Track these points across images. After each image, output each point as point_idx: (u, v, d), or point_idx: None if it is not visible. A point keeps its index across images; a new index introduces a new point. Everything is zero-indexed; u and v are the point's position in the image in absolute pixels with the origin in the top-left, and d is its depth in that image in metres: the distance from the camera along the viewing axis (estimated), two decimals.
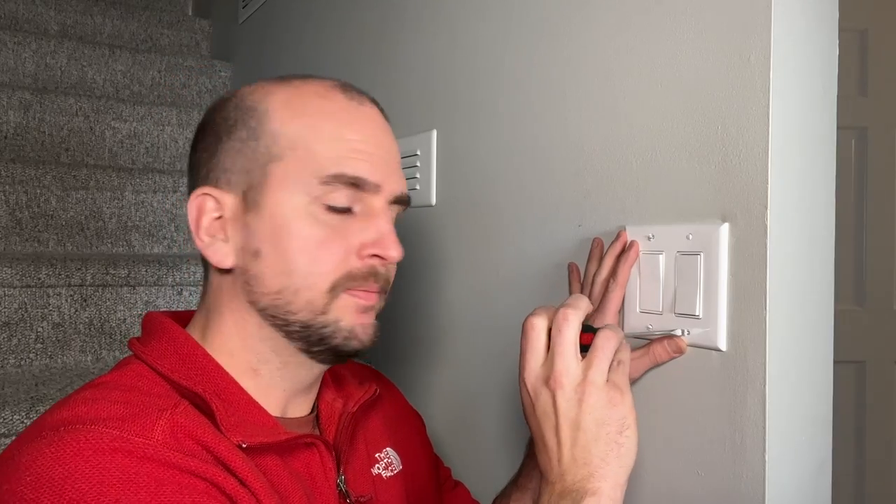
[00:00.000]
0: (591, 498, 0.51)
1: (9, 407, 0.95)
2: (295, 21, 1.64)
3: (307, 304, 0.58)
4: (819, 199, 0.65)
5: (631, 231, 0.72)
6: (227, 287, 0.61)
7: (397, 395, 0.83)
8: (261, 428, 0.57)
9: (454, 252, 1.01)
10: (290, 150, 0.58)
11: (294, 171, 0.58)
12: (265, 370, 0.61)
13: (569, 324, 0.55)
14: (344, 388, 0.70)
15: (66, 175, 1.47)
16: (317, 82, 0.62)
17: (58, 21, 2.07)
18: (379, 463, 0.71)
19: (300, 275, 0.57)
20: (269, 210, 0.58)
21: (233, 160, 0.60)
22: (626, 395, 0.55)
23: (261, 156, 0.59)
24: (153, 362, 0.58)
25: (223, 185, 0.60)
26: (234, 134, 0.60)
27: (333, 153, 0.58)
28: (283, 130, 0.59)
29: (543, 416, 0.55)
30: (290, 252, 0.57)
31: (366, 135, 0.60)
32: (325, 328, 0.59)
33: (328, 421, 0.67)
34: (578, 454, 0.53)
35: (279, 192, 0.58)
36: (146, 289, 1.32)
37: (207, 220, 0.59)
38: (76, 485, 0.44)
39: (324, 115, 0.60)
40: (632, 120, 0.72)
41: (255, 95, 0.61)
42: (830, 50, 0.66)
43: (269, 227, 0.58)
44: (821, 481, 0.66)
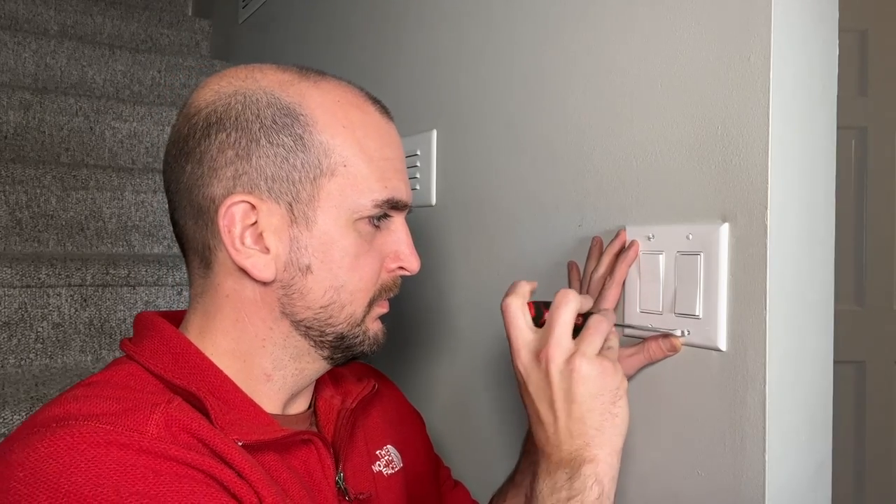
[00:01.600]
0: (588, 465, 0.53)
1: (9, 407, 0.95)
2: (295, 21, 1.64)
3: (348, 318, 0.60)
4: (819, 199, 0.65)
5: (631, 231, 0.72)
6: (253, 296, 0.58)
7: (397, 393, 0.82)
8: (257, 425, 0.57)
9: (454, 252, 1.01)
10: (342, 166, 0.57)
11: (346, 189, 0.57)
12: (278, 375, 0.60)
13: (568, 303, 0.57)
14: (342, 384, 0.70)
15: (66, 175, 1.47)
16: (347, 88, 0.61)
17: (58, 21, 2.07)
18: (380, 460, 0.71)
19: (348, 290, 0.59)
20: (320, 226, 0.57)
21: (277, 168, 0.56)
22: (617, 368, 0.56)
23: (311, 169, 0.56)
24: (145, 361, 0.57)
25: (263, 193, 0.56)
26: (276, 139, 0.56)
27: (379, 173, 0.59)
28: (333, 144, 0.57)
29: (537, 390, 0.56)
30: (340, 268, 0.58)
31: (398, 153, 0.62)
32: (357, 337, 0.61)
33: (326, 418, 0.66)
34: (574, 426, 0.54)
35: (331, 209, 0.57)
36: (146, 289, 1.32)
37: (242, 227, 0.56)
38: (72, 478, 0.44)
39: (366, 130, 0.59)
40: (632, 120, 0.72)
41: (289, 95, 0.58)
42: (830, 50, 0.66)
43: (319, 243, 0.57)
44: (821, 481, 0.66)
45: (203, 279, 0.60)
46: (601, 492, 0.53)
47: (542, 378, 0.56)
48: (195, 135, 0.57)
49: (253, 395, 0.59)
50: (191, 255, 0.60)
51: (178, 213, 0.59)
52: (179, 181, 0.58)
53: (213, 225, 0.56)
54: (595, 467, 0.53)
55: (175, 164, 0.58)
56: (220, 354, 0.59)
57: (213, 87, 0.59)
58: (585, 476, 0.53)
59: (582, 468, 0.53)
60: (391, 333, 1.06)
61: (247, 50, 2.02)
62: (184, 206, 0.58)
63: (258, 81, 0.59)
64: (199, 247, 0.59)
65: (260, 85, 0.58)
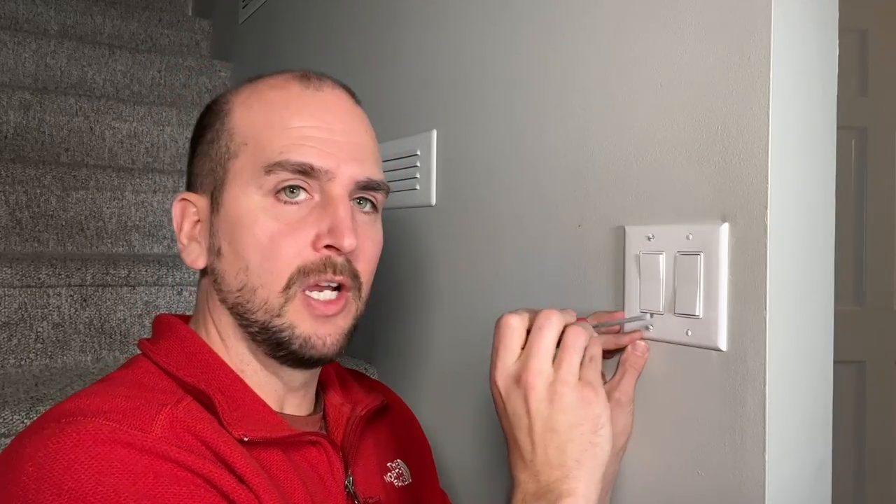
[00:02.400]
0: (567, 499, 0.50)
1: (9, 407, 0.95)
2: (295, 21, 1.64)
3: (262, 304, 0.57)
4: (819, 199, 0.65)
5: (631, 231, 0.72)
6: (205, 288, 0.63)
7: (410, 414, 0.82)
8: (265, 423, 0.57)
9: (454, 252, 1.01)
10: (244, 145, 0.58)
11: (246, 166, 0.57)
12: (249, 371, 0.61)
13: (551, 324, 0.54)
14: (351, 394, 0.70)
15: (66, 175, 1.47)
16: (278, 75, 0.62)
17: (58, 21, 2.07)
18: (391, 472, 0.71)
19: (255, 272, 0.57)
20: (226, 207, 0.58)
21: (202, 163, 0.61)
22: (600, 393, 0.53)
23: (222, 155, 0.59)
24: (160, 360, 0.58)
25: (198, 189, 0.62)
26: (204, 138, 0.62)
27: (281, 143, 0.57)
28: (238, 127, 0.59)
29: (515, 416, 0.53)
30: (245, 249, 0.57)
31: (319, 120, 0.58)
32: (282, 332, 0.57)
33: (336, 423, 0.67)
34: (553, 456, 0.51)
35: (234, 189, 0.58)
36: (146, 289, 1.32)
37: (188, 224, 0.62)
38: (75, 475, 0.45)
39: (276, 106, 0.59)
40: (632, 120, 0.72)
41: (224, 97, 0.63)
42: (830, 50, 0.66)
43: (227, 225, 0.58)
44: (821, 481, 0.66)
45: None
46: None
47: (521, 404, 0.53)
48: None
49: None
50: None
51: None
52: None
53: None
54: (574, 502, 0.50)
55: None
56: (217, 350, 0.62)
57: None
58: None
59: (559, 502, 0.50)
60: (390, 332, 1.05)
61: (247, 50, 2.02)
62: None
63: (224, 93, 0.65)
64: None
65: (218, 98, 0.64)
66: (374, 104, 1.22)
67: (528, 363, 0.53)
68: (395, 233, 1.13)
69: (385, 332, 1.19)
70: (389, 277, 1.16)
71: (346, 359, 1.21)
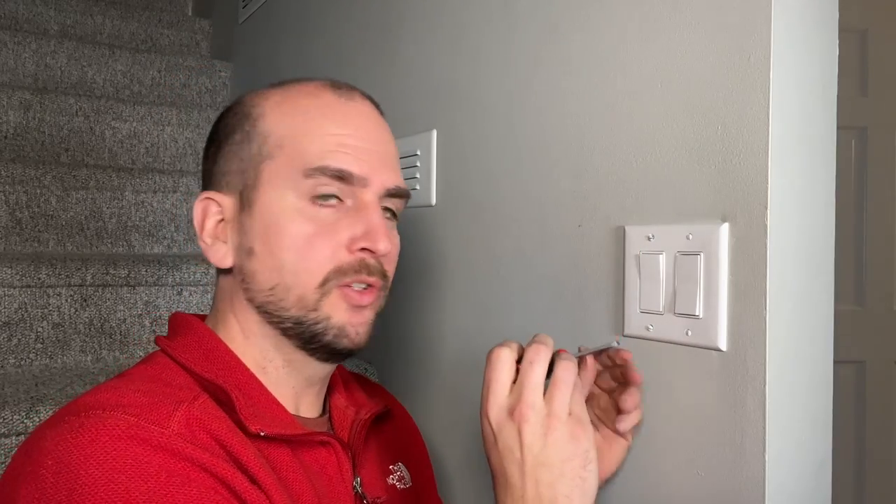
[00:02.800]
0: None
1: (9, 407, 0.95)
2: (295, 21, 1.64)
3: (298, 301, 0.59)
4: (819, 199, 0.65)
5: (631, 231, 0.72)
6: (228, 287, 0.63)
7: (409, 418, 0.84)
8: (279, 421, 0.59)
9: (454, 252, 1.01)
10: (279, 148, 0.60)
11: (283, 168, 0.59)
12: (271, 368, 0.62)
13: (540, 359, 0.55)
14: (355, 398, 0.72)
15: (66, 175, 1.47)
16: (308, 82, 0.64)
17: (58, 21, 2.07)
18: (393, 474, 0.72)
19: (290, 272, 0.58)
20: (260, 208, 0.59)
21: (230, 163, 0.62)
22: (587, 428, 0.54)
23: (254, 156, 0.60)
24: (178, 356, 0.59)
25: (223, 188, 0.62)
26: (231, 138, 0.62)
27: (319, 148, 0.59)
28: (273, 130, 0.60)
29: (506, 449, 0.53)
30: (280, 249, 0.58)
31: (353, 129, 0.61)
32: (317, 325, 0.59)
33: (341, 425, 0.68)
34: (544, 492, 0.52)
35: (269, 190, 0.59)
36: (146, 289, 1.32)
37: (211, 223, 0.62)
38: (90, 471, 0.46)
39: (312, 112, 0.61)
40: (632, 120, 0.72)
41: (252, 100, 0.64)
42: (830, 50, 0.66)
43: (260, 225, 0.59)
44: (821, 481, 0.66)
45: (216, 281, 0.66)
46: None
47: (514, 437, 0.53)
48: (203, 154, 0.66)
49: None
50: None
51: None
52: None
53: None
54: None
55: None
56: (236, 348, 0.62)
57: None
58: None
59: None
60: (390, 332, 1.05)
61: (247, 50, 2.02)
62: None
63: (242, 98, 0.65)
64: None
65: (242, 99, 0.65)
66: None
67: (521, 397, 0.54)
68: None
69: (385, 332, 1.19)
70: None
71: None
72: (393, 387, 1.14)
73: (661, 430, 0.69)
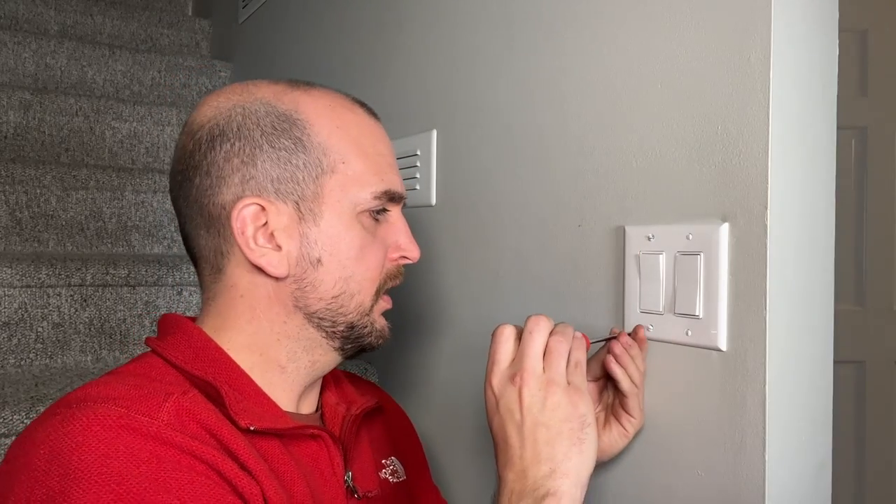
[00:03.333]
0: (551, 498, 0.52)
1: (9, 407, 0.95)
2: (295, 21, 1.64)
3: (358, 307, 0.63)
4: (819, 199, 0.65)
5: (631, 231, 0.72)
6: (267, 293, 0.62)
7: (402, 413, 0.84)
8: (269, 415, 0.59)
9: (454, 252, 1.01)
10: (342, 164, 0.61)
11: (346, 184, 0.61)
12: (292, 367, 0.64)
13: (539, 329, 0.58)
14: (346, 395, 0.73)
15: (66, 175, 1.47)
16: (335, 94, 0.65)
17: (58, 21, 2.07)
18: (385, 468, 0.73)
19: (356, 280, 0.62)
20: (326, 220, 0.61)
21: (281, 170, 0.60)
22: (585, 397, 0.57)
23: (312, 168, 0.61)
24: (167, 355, 0.60)
25: (270, 195, 0.60)
26: (277, 143, 0.60)
27: (375, 168, 0.63)
28: (331, 144, 0.61)
29: (507, 412, 0.56)
30: (347, 259, 0.62)
31: (389, 150, 0.66)
32: (366, 328, 0.64)
33: (332, 421, 0.69)
34: (542, 450, 0.54)
35: (334, 205, 0.61)
36: (146, 289, 1.32)
37: (254, 228, 0.60)
38: (83, 457, 0.47)
39: (360, 129, 0.64)
40: (632, 120, 0.72)
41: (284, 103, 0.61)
42: (830, 50, 0.66)
43: (327, 237, 0.61)
44: (821, 481, 0.66)
45: (215, 283, 0.63)
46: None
47: (515, 400, 0.56)
48: (200, 149, 0.61)
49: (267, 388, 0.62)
50: (202, 264, 0.64)
51: (190, 225, 0.63)
52: (189, 195, 0.62)
53: (225, 230, 0.60)
54: (558, 501, 0.51)
55: (183, 179, 0.62)
56: (237, 350, 0.62)
57: (211, 103, 0.63)
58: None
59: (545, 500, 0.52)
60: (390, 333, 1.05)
61: (247, 50, 2.02)
62: (195, 218, 0.62)
63: (254, 94, 0.62)
64: (210, 254, 0.62)
65: (256, 97, 0.62)
66: (375, 104, 1.21)
67: (522, 363, 0.57)
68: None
69: None
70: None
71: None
72: (392, 386, 1.15)
73: (661, 430, 0.69)
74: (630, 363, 0.66)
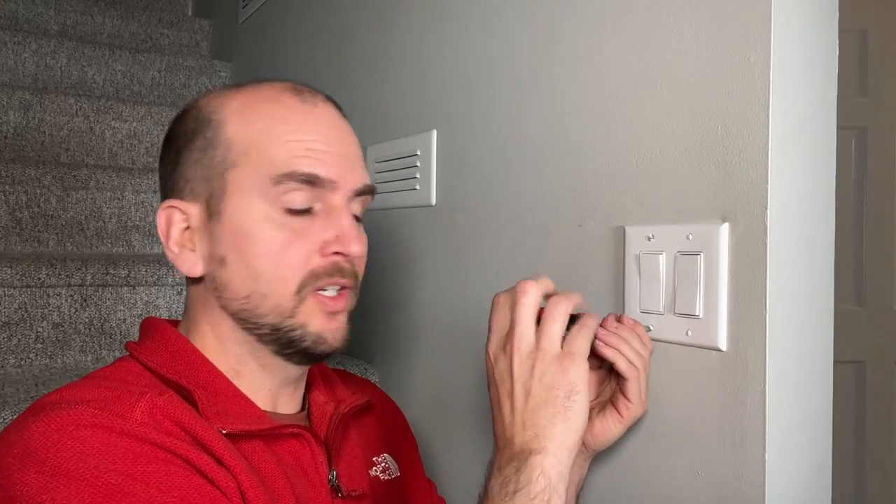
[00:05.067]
0: (536, 456, 0.53)
1: (9, 407, 0.95)
2: (295, 21, 1.64)
3: (275, 308, 0.60)
4: (819, 199, 0.65)
5: (631, 231, 0.72)
6: (199, 294, 0.63)
7: (397, 411, 0.84)
8: (245, 417, 0.59)
9: (454, 252, 1.01)
10: (245, 155, 0.60)
11: (250, 176, 0.59)
12: (245, 371, 0.63)
13: (527, 294, 0.58)
14: (335, 393, 0.72)
15: (66, 175, 1.47)
16: (269, 86, 0.64)
17: (58, 21, 2.07)
18: (376, 466, 0.73)
19: (265, 279, 0.59)
20: (229, 217, 0.60)
21: (193, 170, 0.61)
22: (578, 362, 0.56)
23: (218, 164, 0.60)
24: (143, 358, 0.61)
25: (187, 196, 0.61)
26: (192, 144, 0.62)
27: (286, 154, 0.59)
28: (237, 137, 0.60)
29: (500, 381, 0.58)
30: (253, 257, 0.59)
31: (319, 134, 0.61)
32: (294, 331, 0.60)
33: (319, 421, 0.69)
34: (528, 417, 0.55)
35: (238, 199, 0.59)
36: (146, 289, 1.32)
37: (176, 231, 0.61)
38: (58, 453, 0.47)
39: (275, 118, 0.61)
40: (632, 120, 0.72)
41: (210, 105, 0.63)
42: (830, 50, 0.66)
43: (231, 234, 0.60)
44: (821, 481, 0.66)
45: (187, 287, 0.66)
46: (547, 484, 0.53)
47: (506, 367, 0.57)
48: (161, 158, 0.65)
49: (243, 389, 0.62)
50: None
51: None
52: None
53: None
54: (542, 459, 0.53)
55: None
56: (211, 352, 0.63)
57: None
58: (532, 467, 0.53)
59: (529, 459, 0.53)
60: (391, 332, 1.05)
61: (247, 50, 2.02)
62: None
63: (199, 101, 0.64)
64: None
65: (196, 104, 0.64)
66: (375, 104, 1.22)
67: (512, 331, 0.58)
68: (396, 233, 1.13)
69: (385, 333, 1.19)
70: (389, 277, 1.16)
71: (346, 359, 1.21)
72: (393, 385, 1.14)
73: (661, 430, 0.69)
74: (622, 343, 0.64)
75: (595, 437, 0.67)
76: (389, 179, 1.14)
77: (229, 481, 0.52)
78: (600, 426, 0.66)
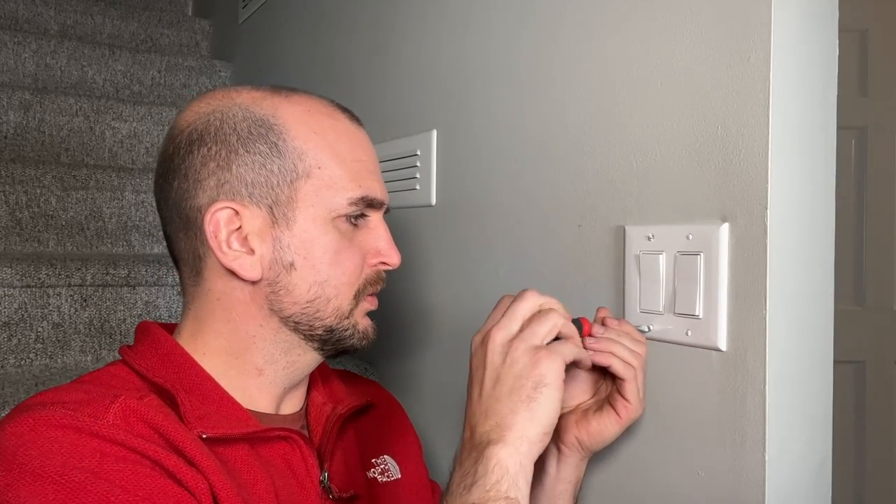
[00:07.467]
0: (493, 447, 0.53)
1: (9, 407, 0.95)
2: (295, 21, 1.64)
3: (335, 311, 0.63)
4: (819, 199, 0.65)
5: (631, 231, 0.72)
6: (243, 297, 0.62)
7: (400, 411, 0.84)
8: (229, 420, 0.60)
9: (454, 252, 1.01)
10: (317, 169, 0.61)
11: (321, 189, 0.61)
12: (270, 370, 0.64)
13: (525, 298, 0.59)
14: (334, 393, 0.73)
15: (66, 175, 1.47)
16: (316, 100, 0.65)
17: (58, 21, 2.07)
18: (375, 468, 0.73)
19: (332, 284, 0.62)
20: (300, 225, 0.61)
21: (255, 174, 0.61)
22: (554, 358, 0.56)
23: (287, 173, 0.61)
24: (133, 362, 0.61)
25: (244, 199, 0.60)
26: (253, 148, 0.61)
27: (353, 173, 0.63)
28: (306, 149, 0.61)
29: (475, 368, 0.59)
30: (322, 264, 0.61)
31: (369, 155, 0.66)
32: (346, 331, 0.64)
33: (316, 421, 0.69)
34: (491, 405, 0.56)
35: (309, 209, 0.61)
36: (146, 289, 1.32)
37: (227, 232, 0.60)
38: (27, 451, 0.49)
39: (337, 135, 0.63)
40: (632, 120, 0.72)
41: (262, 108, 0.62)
42: (830, 50, 0.66)
43: (300, 241, 0.61)
44: (821, 481, 0.66)
45: (194, 287, 0.64)
46: (503, 475, 0.52)
47: (481, 356, 0.58)
48: (179, 152, 0.62)
49: (244, 391, 0.63)
50: (182, 266, 0.65)
51: (170, 227, 0.64)
52: (168, 197, 0.63)
53: (200, 233, 0.61)
54: (499, 450, 0.53)
55: (164, 182, 0.63)
56: (213, 354, 0.63)
57: (193, 108, 0.64)
58: (488, 458, 0.52)
59: (486, 451, 0.53)
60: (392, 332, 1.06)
61: (247, 50, 2.02)
62: (174, 220, 0.63)
63: (233, 99, 0.63)
64: (189, 257, 0.63)
65: (235, 102, 0.63)
66: (375, 104, 1.22)
67: (497, 322, 0.59)
68: (396, 233, 1.13)
69: (385, 333, 1.19)
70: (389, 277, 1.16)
71: (346, 359, 1.21)
72: (393, 385, 1.14)
73: (661, 430, 0.69)
74: (613, 345, 0.64)
75: (592, 437, 0.67)
76: (389, 179, 1.14)
77: (200, 482, 0.52)
78: (597, 426, 0.66)
